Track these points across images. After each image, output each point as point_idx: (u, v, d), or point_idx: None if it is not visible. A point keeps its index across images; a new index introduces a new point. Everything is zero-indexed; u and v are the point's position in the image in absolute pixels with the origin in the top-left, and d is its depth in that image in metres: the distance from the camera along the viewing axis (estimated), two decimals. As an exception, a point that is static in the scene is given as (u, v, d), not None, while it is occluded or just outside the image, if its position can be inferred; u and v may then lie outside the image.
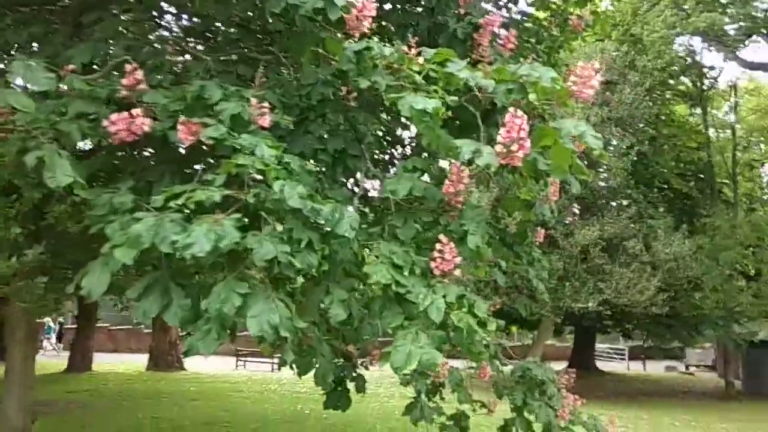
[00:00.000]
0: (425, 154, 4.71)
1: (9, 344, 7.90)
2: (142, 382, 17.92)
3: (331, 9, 2.93)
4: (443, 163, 4.44)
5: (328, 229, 2.62)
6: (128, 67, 2.95)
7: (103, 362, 21.83)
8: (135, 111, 2.76)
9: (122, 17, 4.56)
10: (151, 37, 4.57)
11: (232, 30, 4.67)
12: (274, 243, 2.40)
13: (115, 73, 3.38)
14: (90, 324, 20.38)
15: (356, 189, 4.71)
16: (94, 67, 3.76)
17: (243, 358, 22.90)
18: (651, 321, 19.39)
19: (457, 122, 3.69)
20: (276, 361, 6.44)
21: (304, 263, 2.46)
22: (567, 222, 17.91)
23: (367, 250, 3.21)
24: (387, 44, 3.24)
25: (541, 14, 5.42)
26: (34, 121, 2.76)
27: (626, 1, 22.40)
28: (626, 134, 18.60)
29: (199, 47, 5.00)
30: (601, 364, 29.98)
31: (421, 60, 3.10)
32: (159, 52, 3.79)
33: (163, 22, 5.37)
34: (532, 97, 3.11)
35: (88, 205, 2.77)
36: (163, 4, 5.10)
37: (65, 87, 3.05)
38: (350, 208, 3.49)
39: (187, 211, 2.53)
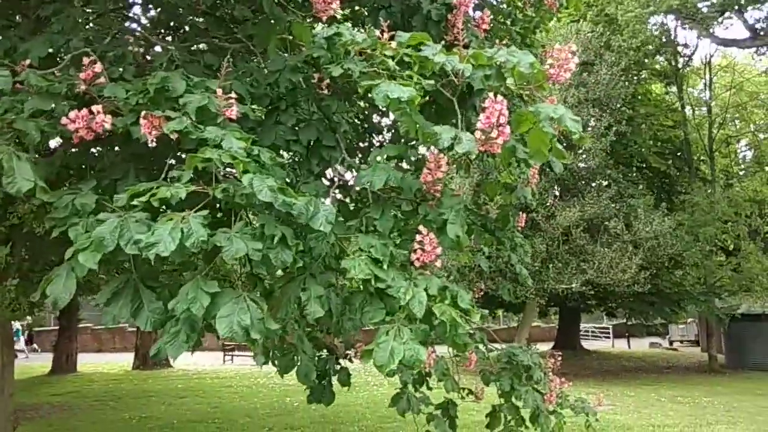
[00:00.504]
0: (403, 141, 4.61)
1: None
2: (128, 381, 17.73)
3: (297, -9, 2.81)
4: (422, 150, 4.35)
5: (303, 223, 2.52)
6: (86, 60, 2.81)
7: (88, 363, 21.60)
8: (95, 107, 2.63)
9: (86, 9, 4.37)
10: (114, 29, 4.39)
11: (200, 19, 4.52)
12: (245, 240, 2.29)
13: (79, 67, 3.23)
14: (72, 325, 20.10)
15: (335, 180, 4.61)
16: (58, 61, 3.60)
17: (230, 353, 22.79)
18: (634, 299, 19.62)
19: (434, 107, 3.60)
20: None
21: (277, 260, 2.36)
22: (548, 204, 17.98)
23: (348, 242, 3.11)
24: (360, 29, 3.13)
25: (516, -6, 5.33)
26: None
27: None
28: (604, 115, 18.67)
29: (168, 38, 4.84)
30: (586, 344, 30.37)
31: (394, 44, 2.99)
32: (120, 43, 3.62)
33: (129, 14, 5.19)
34: (509, 81, 3.03)
35: (52, 207, 2.65)
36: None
37: (28, 81, 2.90)
38: (327, 201, 3.38)
39: (162, 209, 2.42)
